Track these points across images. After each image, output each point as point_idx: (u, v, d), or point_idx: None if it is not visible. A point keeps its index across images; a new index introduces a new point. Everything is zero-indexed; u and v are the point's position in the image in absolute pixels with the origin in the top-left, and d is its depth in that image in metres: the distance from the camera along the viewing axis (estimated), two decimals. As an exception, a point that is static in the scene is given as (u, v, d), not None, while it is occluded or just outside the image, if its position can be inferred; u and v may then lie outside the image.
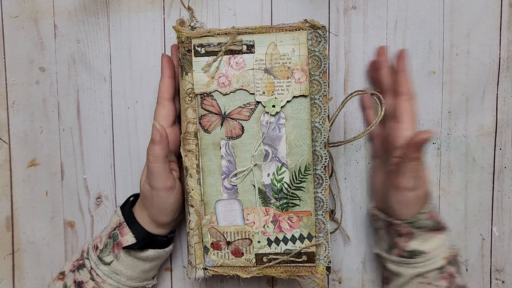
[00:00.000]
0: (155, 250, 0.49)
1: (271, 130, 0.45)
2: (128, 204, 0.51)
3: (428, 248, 0.46)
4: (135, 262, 0.48)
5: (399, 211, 0.46)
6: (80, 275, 0.49)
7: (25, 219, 0.57)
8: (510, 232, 0.54)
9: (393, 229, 0.47)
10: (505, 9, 0.51)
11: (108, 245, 0.48)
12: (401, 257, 0.47)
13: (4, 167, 0.56)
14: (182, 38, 0.45)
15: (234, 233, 0.47)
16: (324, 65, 0.44)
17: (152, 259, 0.49)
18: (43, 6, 0.54)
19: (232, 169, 0.46)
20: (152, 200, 0.46)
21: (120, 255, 0.48)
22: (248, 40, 0.44)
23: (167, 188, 0.46)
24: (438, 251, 0.46)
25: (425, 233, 0.46)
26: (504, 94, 0.52)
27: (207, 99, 0.45)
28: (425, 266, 0.46)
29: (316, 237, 0.46)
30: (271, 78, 0.45)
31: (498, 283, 0.54)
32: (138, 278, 0.49)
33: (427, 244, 0.46)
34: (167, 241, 0.51)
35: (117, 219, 0.50)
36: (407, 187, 0.45)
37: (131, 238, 0.48)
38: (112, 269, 0.48)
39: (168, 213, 0.47)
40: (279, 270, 0.47)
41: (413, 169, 0.44)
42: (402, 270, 0.47)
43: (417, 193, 0.46)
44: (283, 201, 0.46)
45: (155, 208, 0.47)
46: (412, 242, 0.46)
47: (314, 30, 0.44)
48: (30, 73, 0.55)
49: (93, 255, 0.49)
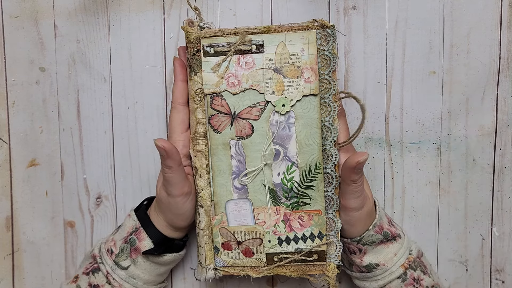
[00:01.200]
0: (172, 254, 0.49)
1: (281, 129, 0.45)
2: (143, 208, 0.50)
3: (383, 260, 0.46)
4: (152, 267, 0.48)
5: (347, 230, 0.46)
6: (96, 279, 0.48)
7: (25, 219, 0.57)
8: (510, 232, 0.54)
9: (346, 247, 0.48)
10: (505, 9, 0.51)
11: (125, 250, 0.48)
12: (360, 272, 0.48)
13: (4, 167, 0.56)
14: (191, 38, 0.45)
15: (244, 233, 0.47)
16: (333, 64, 0.44)
17: (169, 263, 0.49)
18: (43, 6, 0.54)
19: (242, 169, 0.46)
20: (169, 206, 0.46)
21: (138, 260, 0.48)
22: (258, 40, 0.44)
23: (183, 194, 0.45)
24: (393, 261, 0.46)
25: (377, 246, 0.47)
26: (504, 94, 0.52)
27: (217, 99, 0.45)
28: (384, 277, 0.46)
29: (327, 235, 0.46)
30: (281, 78, 0.45)
31: (498, 283, 0.54)
32: (153, 281, 0.50)
33: (380, 256, 0.47)
34: (183, 245, 0.51)
35: (132, 224, 0.49)
36: (350, 207, 0.45)
37: (149, 243, 0.48)
38: (129, 273, 0.48)
39: (185, 217, 0.47)
40: (290, 269, 0.47)
41: (353, 191, 0.44)
42: (364, 284, 0.48)
43: (361, 212, 0.45)
44: (293, 200, 0.46)
45: (172, 213, 0.47)
46: (366, 256, 0.47)
47: (323, 29, 0.44)
48: (30, 73, 0.55)
49: (108, 260, 0.48)
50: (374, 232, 0.46)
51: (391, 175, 0.54)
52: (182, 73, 0.47)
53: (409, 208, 0.54)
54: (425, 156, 0.53)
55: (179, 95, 0.47)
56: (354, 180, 0.43)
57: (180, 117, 0.47)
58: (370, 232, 0.46)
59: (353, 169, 0.42)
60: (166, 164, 0.44)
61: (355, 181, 0.43)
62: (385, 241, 0.47)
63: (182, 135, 0.47)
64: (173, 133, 0.47)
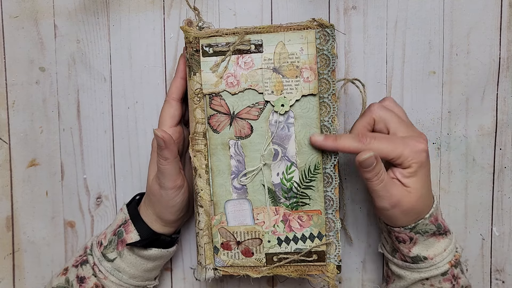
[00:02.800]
0: (159, 250, 0.49)
1: (280, 129, 0.45)
2: (134, 202, 0.51)
3: (432, 254, 0.45)
4: (138, 261, 0.48)
5: (394, 222, 0.45)
6: (83, 271, 0.49)
7: (25, 219, 0.57)
8: (510, 232, 0.54)
9: (393, 235, 0.46)
10: (505, 9, 0.51)
11: (113, 242, 0.48)
12: (404, 261, 0.47)
13: (4, 167, 0.56)
14: (190, 38, 0.45)
15: (244, 233, 0.47)
16: (332, 64, 0.44)
17: (155, 258, 0.49)
18: (43, 6, 0.54)
19: (241, 169, 0.46)
20: (160, 198, 0.46)
21: (124, 253, 0.48)
22: (256, 40, 0.44)
23: (176, 187, 0.46)
24: (442, 256, 0.45)
25: (428, 238, 0.45)
26: (504, 94, 0.52)
27: (216, 99, 0.45)
28: (429, 271, 0.45)
29: (327, 236, 0.46)
30: (280, 77, 0.44)
31: (498, 283, 0.54)
32: (140, 277, 0.49)
33: (431, 250, 0.45)
34: (171, 241, 0.51)
35: (122, 217, 0.50)
36: (380, 207, 0.43)
37: (135, 236, 0.48)
38: (115, 266, 0.48)
39: (175, 211, 0.48)
40: (289, 269, 0.47)
41: (373, 190, 0.42)
42: (404, 273, 0.46)
43: (395, 211, 0.43)
44: (292, 200, 0.46)
45: (162, 206, 0.47)
46: (415, 247, 0.45)
47: (322, 28, 0.44)
48: (30, 73, 0.55)
49: (96, 251, 0.49)
50: (429, 222, 0.44)
51: (391, 175, 0.54)
52: (183, 71, 0.47)
53: (409, 208, 0.54)
54: None
55: (174, 91, 0.47)
56: (368, 178, 0.42)
57: (171, 111, 0.47)
58: (425, 221, 0.44)
59: (362, 167, 0.41)
60: (163, 155, 0.44)
61: (370, 180, 0.42)
62: (437, 233, 0.45)
63: (170, 129, 0.46)
64: (162, 126, 0.47)
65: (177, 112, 0.47)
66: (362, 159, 0.41)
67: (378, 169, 0.41)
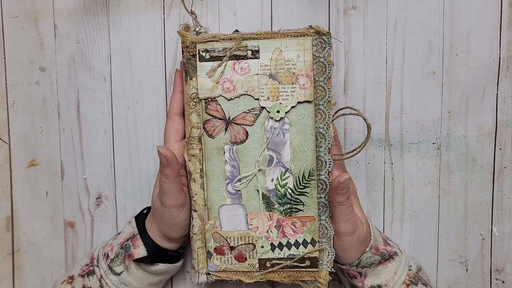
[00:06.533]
0: (165, 265, 0.49)
1: (275, 135, 0.45)
2: (142, 217, 0.51)
3: (385, 280, 0.46)
4: (144, 275, 0.48)
5: (342, 257, 0.46)
6: (90, 282, 0.49)
7: (25, 219, 0.57)
8: (510, 232, 0.54)
9: (345, 273, 0.48)
10: (505, 9, 0.51)
11: (120, 255, 0.48)
12: None
13: (4, 167, 0.56)
14: (187, 43, 0.45)
15: (237, 238, 0.47)
16: (328, 71, 0.44)
17: (162, 273, 0.49)
18: (43, 6, 0.54)
19: (236, 174, 0.46)
20: (163, 216, 0.46)
21: (131, 267, 0.48)
22: (253, 46, 0.44)
23: (178, 205, 0.45)
24: (394, 280, 0.46)
25: (376, 267, 0.46)
26: (504, 94, 0.52)
27: (212, 104, 0.45)
28: None
29: (320, 242, 0.46)
30: (276, 84, 0.45)
31: (498, 283, 0.54)
32: None
33: (382, 277, 0.46)
34: (177, 256, 0.51)
35: (131, 230, 0.49)
36: (341, 231, 0.44)
37: (143, 251, 0.48)
38: (122, 280, 0.48)
39: (178, 229, 0.47)
40: (282, 275, 0.47)
41: (342, 214, 0.43)
42: None
43: (353, 237, 0.45)
44: (286, 206, 0.46)
45: (165, 224, 0.47)
46: (367, 279, 0.46)
47: (319, 36, 0.44)
48: (30, 73, 0.55)
49: (103, 264, 0.48)
50: (371, 254, 0.46)
51: (391, 175, 0.54)
52: (181, 85, 0.47)
53: (409, 208, 0.54)
54: (425, 156, 0.53)
55: (175, 106, 0.47)
56: (340, 202, 0.43)
57: (174, 126, 0.47)
58: (367, 254, 0.46)
59: (337, 190, 0.42)
60: (165, 172, 0.44)
61: (342, 203, 0.43)
62: (383, 261, 0.47)
63: (176, 144, 0.47)
64: (167, 142, 0.47)
65: (181, 126, 0.47)
66: (343, 180, 0.42)
67: (349, 193, 0.43)
